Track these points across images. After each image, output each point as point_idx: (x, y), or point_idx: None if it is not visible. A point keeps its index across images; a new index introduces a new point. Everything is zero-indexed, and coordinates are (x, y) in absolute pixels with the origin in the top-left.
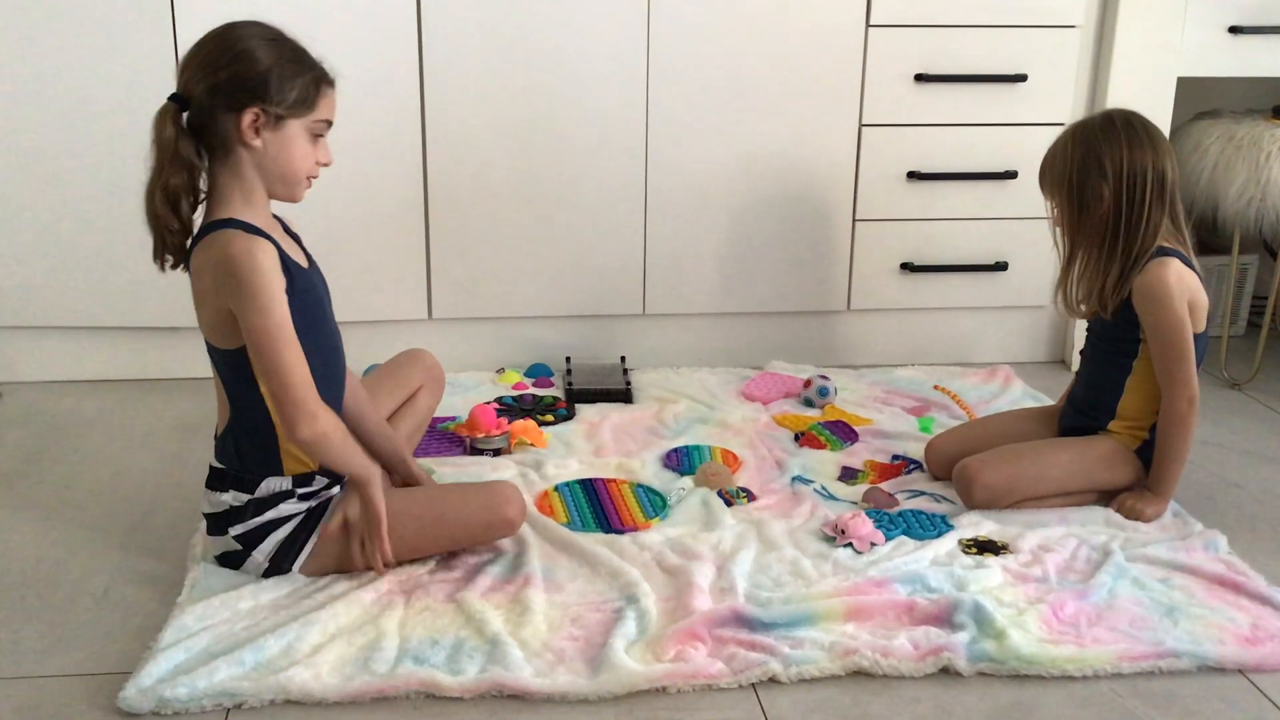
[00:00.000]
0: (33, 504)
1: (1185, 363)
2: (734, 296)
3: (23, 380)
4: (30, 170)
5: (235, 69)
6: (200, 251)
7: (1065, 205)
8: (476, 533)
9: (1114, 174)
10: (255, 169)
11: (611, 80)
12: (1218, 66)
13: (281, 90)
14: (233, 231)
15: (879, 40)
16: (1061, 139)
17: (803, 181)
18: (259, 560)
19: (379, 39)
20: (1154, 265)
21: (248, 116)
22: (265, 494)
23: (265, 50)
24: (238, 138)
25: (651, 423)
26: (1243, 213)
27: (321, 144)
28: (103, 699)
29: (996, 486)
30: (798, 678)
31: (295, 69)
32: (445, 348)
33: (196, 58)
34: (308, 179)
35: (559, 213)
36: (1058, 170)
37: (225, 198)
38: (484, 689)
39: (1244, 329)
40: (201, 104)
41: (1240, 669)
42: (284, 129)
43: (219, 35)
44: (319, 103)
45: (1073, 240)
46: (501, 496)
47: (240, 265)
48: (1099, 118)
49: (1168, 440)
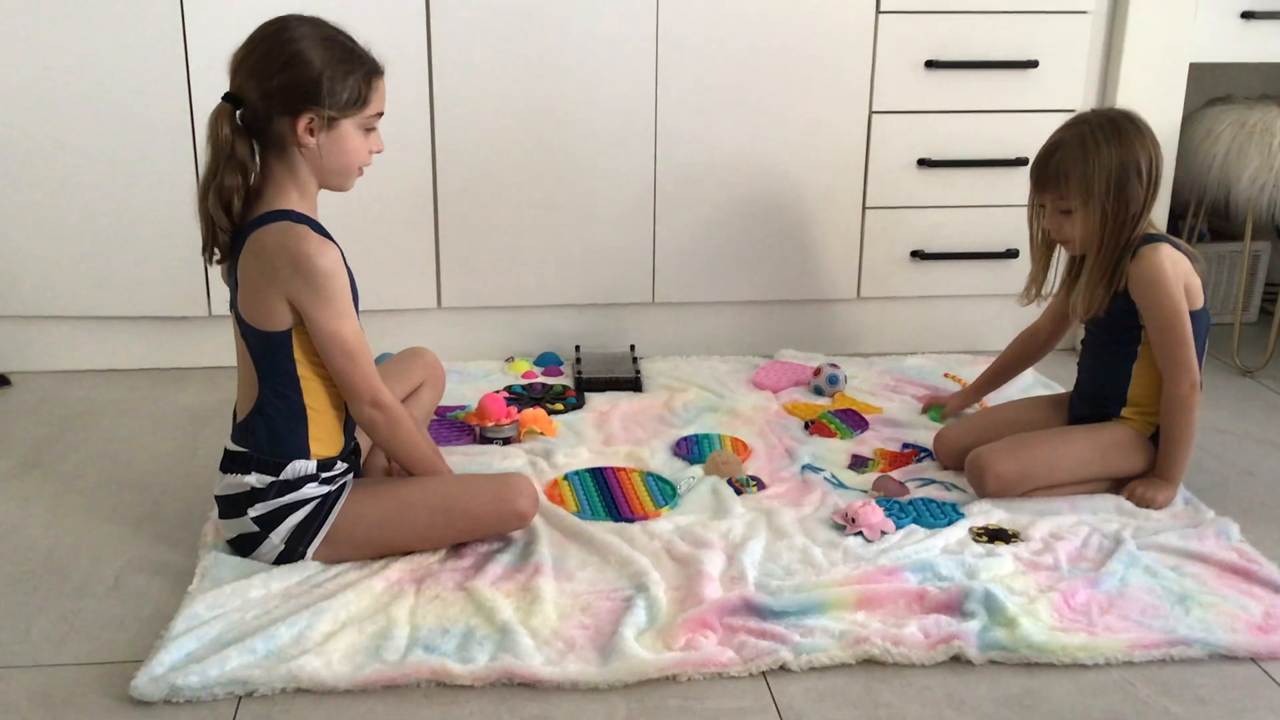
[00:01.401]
0: (44, 493)
1: (1185, 347)
2: (743, 285)
3: (34, 369)
4: (42, 160)
5: (289, 74)
6: (262, 237)
7: (1095, 207)
8: (488, 524)
9: (1147, 173)
10: (310, 165)
11: (621, 68)
12: (1230, 52)
13: (335, 93)
14: (302, 227)
15: (889, 26)
16: (1081, 137)
17: (812, 169)
18: (275, 543)
19: (388, 28)
20: (1147, 253)
21: (303, 121)
22: (291, 476)
23: (317, 52)
24: (293, 140)
25: (661, 411)
26: (1255, 199)
27: (374, 134)
28: (115, 687)
29: (1009, 476)
30: (808, 666)
31: (347, 68)
32: (454, 336)
33: (249, 60)
34: (360, 170)
35: (568, 201)
36: (1091, 173)
37: (282, 190)
38: (494, 677)
39: (1256, 316)
40: (256, 107)
41: (1252, 657)
42: (338, 128)
43: (271, 36)
44: (371, 98)
45: (1099, 243)
46: (513, 489)
47: (316, 266)
48: (1113, 115)
49: (1172, 425)
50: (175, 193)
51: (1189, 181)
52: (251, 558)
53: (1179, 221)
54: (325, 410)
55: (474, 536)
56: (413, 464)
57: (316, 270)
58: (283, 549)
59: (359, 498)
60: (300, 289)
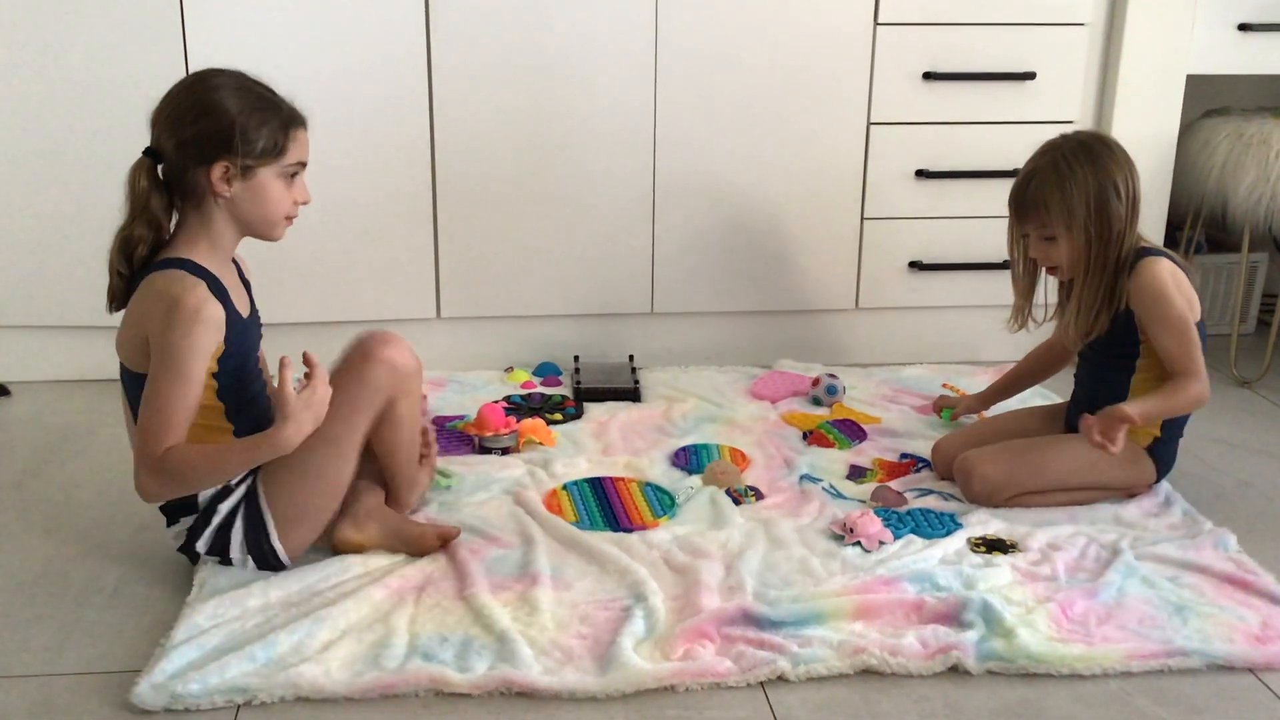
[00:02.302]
0: (43, 502)
1: (1199, 353)
2: (742, 295)
3: (33, 379)
4: (39, 169)
5: (201, 124)
6: (155, 279)
7: (1079, 231)
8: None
9: (1125, 191)
10: (229, 217)
11: (620, 79)
12: (1227, 64)
13: (248, 141)
14: (194, 280)
15: (887, 38)
16: (1055, 163)
17: (811, 180)
18: (239, 558)
19: (388, 39)
20: (1146, 266)
21: (217, 170)
22: (204, 501)
23: (232, 101)
24: (209, 190)
25: (660, 421)
26: (1252, 210)
27: (298, 183)
28: (115, 696)
29: (995, 478)
30: (806, 676)
31: (261, 117)
32: (453, 347)
33: (165, 111)
34: (286, 219)
35: (567, 211)
36: (1070, 198)
37: (192, 241)
38: (493, 686)
39: (1254, 327)
40: (172, 159)
41: (1250, 668)
42: (255, 178)
43: (187, 88)
44: (289, 147)
45: (1085, 266)
46: (375, 340)
47: (182, 317)
48: (1084, 138)
49: (1173, 402)
50: None
51: (1186, 193)
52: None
53: (1176, 233)
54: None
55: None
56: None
57: (176, 322)
58: (251, 559)
59: (274, 475)
60: (156, 332)
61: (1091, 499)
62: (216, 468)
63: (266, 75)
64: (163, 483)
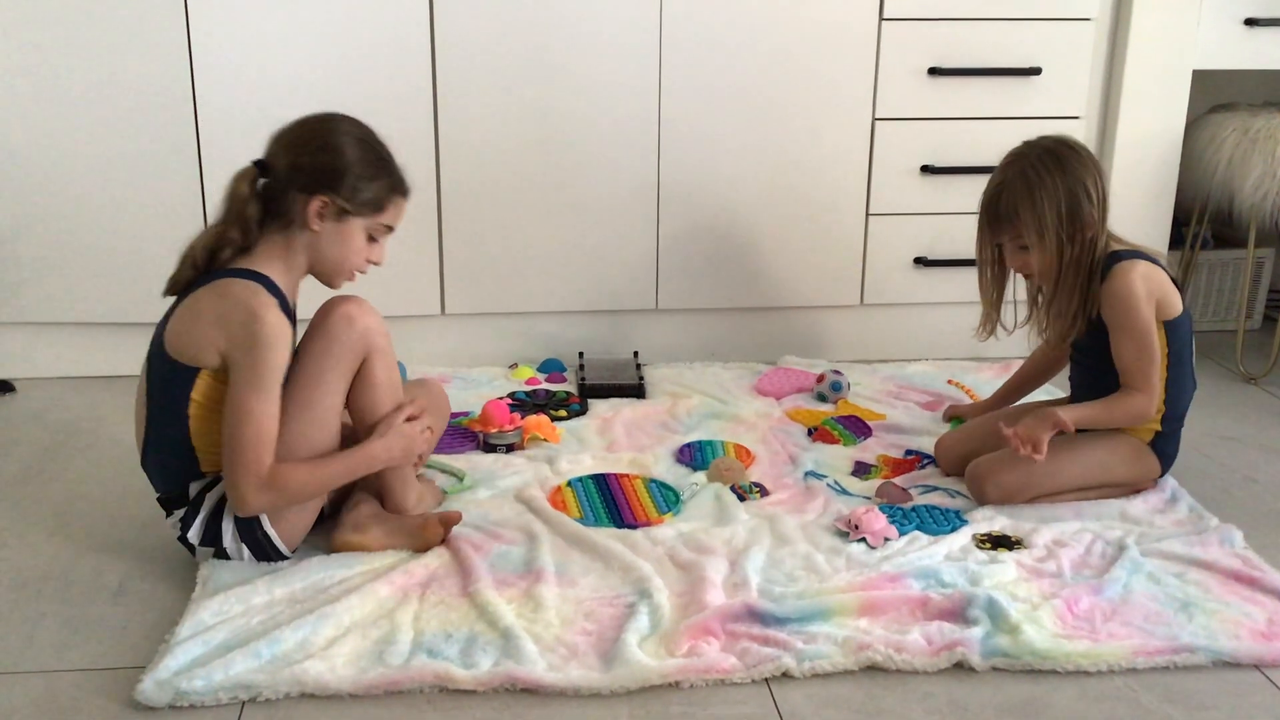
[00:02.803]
0: (47, 499)
1: (1154, 370)
2: (746, 291)
3: (37, 376)
4: (45, 166)
5: (320, 157)
6: (232, 286)
7: (1050, 239)
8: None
9: (1095, 194)
10: (307, 248)
11: (624, 76)
12: (1233, 59)
13: (355, 189)
14: (270, 297)
15: (892, 34)
16: (1023, 173)
17: (815, 176)
18: (234, 547)
19: (393, 36)
20: (1121, 270)
21: (316, 203)
22: (195, 494)
23: (354, 148)
24: (302, 218)
25: (664, 418)
26: (1259, 206)
27: (379, 244)
28: (119, 692)
29: (1010, 485)
30: (811, 673)
31: (375, 172)
32: (458, 343)
33: (292, 134)
34: (354, 272)
35: (572, 208)
36: (1040, 206)
37: (270, 259)
38: (497, 682)
39: (1260, 322)
40: (279, 176)
41: (1256, 664)
42: (346, 223)
43: (320, 120)
44: (387, 209)
45: (1057, 272)
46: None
47: (264, 336)
48: (1049, 145)
49: (1112, 413)
50: (179, 200)
51: (1192, 188)
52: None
53: (1182, 228)
54: (205, 447)
55: (350, 366)
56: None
57: (261, 339)
58: (246, 548)
59: None
60: (239, 348)
61: (1098, 496)
62: (319, 480)
63: (270, 73)
64: (272, 499)
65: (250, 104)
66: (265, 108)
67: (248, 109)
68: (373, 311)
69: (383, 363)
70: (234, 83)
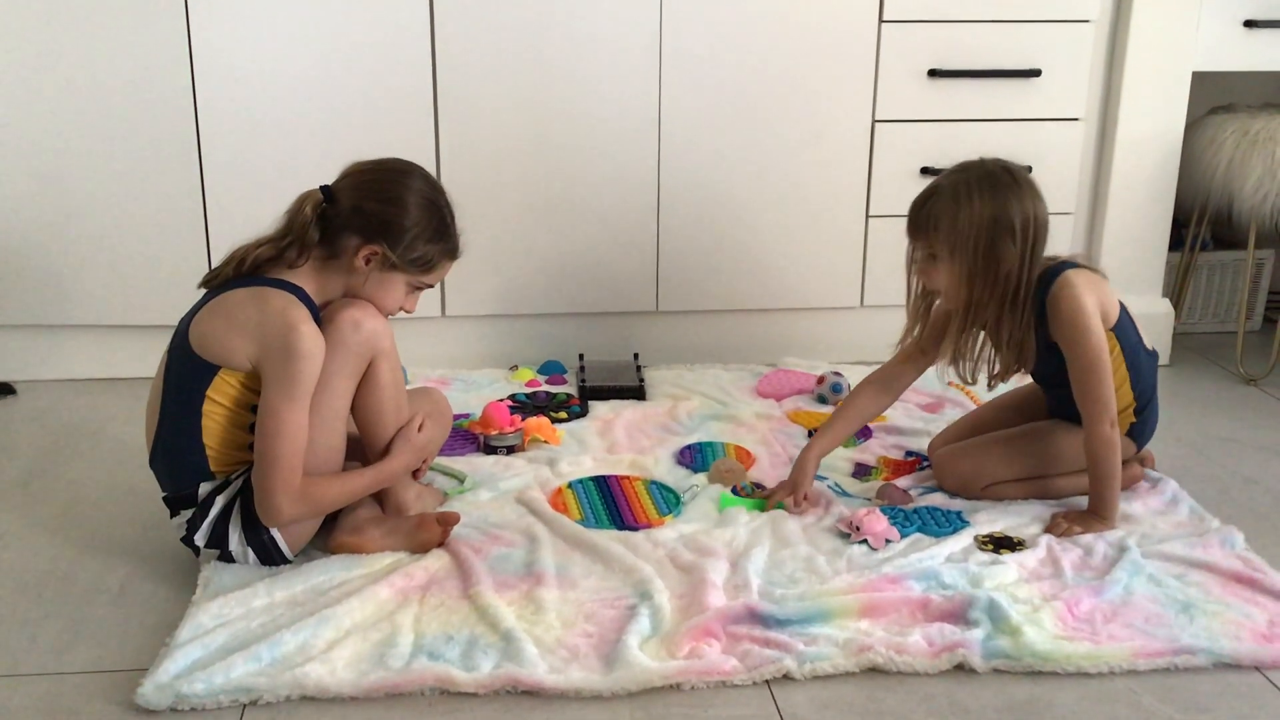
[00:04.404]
0: (48, 501)
1: (1108, 384)
2: (747, 293)
3: (38, 378)
4: (47, 170)
5: (384, 208)
6: (271, 295)
7: (960, 260)
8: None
9: (1022, 231)
10: (346, 285)
11: (624, 77)
12: (1233, 61)
13: (409, 248)
14: (307, 312)
15: (892, 35)
16: (956, 190)
17: (816, 177)
18: (239, 550)
19: (393, 36)
20: (1060, 289)
21: (368, 249)
22: (204, 495)
23: (419, 209)
24: (349, 259)
25: (665, 420)
26: (1258, 207)
27: (415, 297)
28: (120, 695)
29: (964, 473)
30: (812, 675)
31: (432, 236)
32: (458, 345)
33: (365, 176)
34: (384, 313)
35: (571, 209)
36: (959, 223)
37: (307, 275)
38: (498, 685)
39: (1260, 324)
40: (342, 213)
41: (1257, 666)
42: (391, 274)
43: (393, 170)
44: (434, 270)
45: (966, 300)
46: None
47: (301, 348)
48: (993, 169)
49: (1100, 463)
50: (180, 203)
51: (1192, 190)
52: (249, 566)
53: (1182, 230)
54: (218, 447)
55: (357, 370)
56: (368, 490)
57: (298, 351)
58: (251, 551)
59: None
60: (274, 358)
61: (1075, 486)
62: (348, 495)
63: (270, 73)
64: (304, 510)
65: (250, 104)
66: (265, 108)
67: (248, 109)
68: (378, 315)
69: (388, 366)
70: (234, 83)
